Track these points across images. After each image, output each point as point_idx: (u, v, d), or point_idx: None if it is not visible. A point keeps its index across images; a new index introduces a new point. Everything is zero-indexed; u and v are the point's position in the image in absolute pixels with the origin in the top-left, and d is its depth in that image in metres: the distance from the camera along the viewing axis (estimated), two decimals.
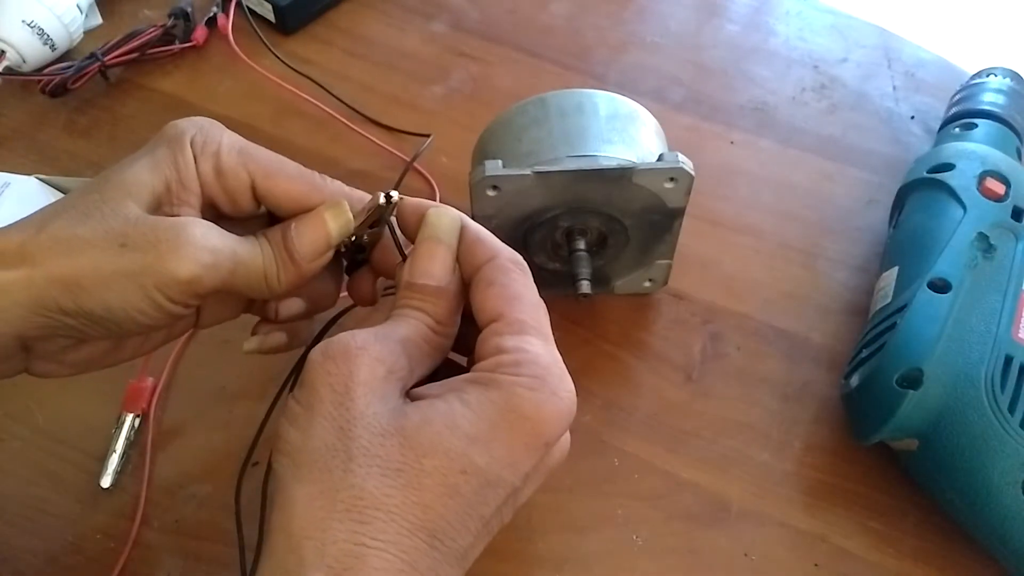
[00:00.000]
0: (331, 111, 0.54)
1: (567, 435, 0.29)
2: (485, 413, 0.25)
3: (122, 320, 0.28)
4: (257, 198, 0.32)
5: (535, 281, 0.44)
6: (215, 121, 0.32)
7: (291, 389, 0.41)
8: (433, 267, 0.29)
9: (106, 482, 0.39)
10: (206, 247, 0.28)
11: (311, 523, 0.23)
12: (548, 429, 0.26)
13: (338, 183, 0.33)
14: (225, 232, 0.29)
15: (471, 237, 0.30)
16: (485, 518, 0.26)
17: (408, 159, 0.51)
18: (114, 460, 0.39)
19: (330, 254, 0.32)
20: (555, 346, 0.28)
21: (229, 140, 0.31)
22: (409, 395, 0.27)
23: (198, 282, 0.28)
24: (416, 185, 0.51)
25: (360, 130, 0.53)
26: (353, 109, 0.54)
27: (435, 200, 0.49)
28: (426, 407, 0.26)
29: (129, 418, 0.40)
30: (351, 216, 0.31)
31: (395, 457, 0.24)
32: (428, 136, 0.52)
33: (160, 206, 0.29)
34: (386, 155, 0.52)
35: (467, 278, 0.30)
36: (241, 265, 0.29)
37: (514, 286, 0.29)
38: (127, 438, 0.40)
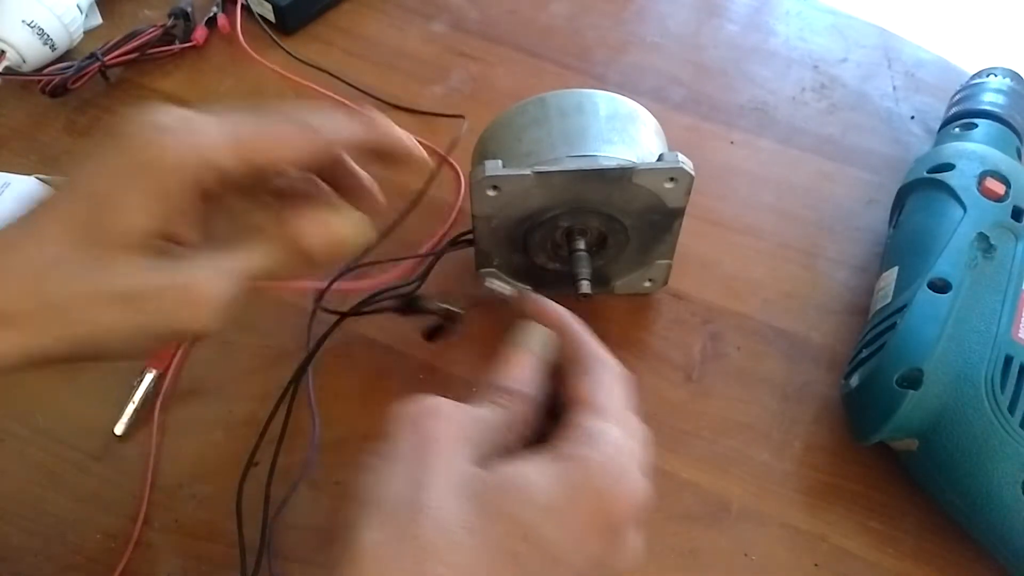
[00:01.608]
0: (342, 103, 0.54)
1: (639, 537, 0.28)
2: (556, 485, 0.25)
3: (127, 355, 0.29)
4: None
5: (535, 281, 0.44)
6: (186, 116, 0.29)
7: (294, 392, 0.41)
8: (522, 374, 0.30)
9: (119, 429, 0.40)
10: (218, 296, 0.28)
11: (375, 570, 0.24)
12: (617, 508, 0.26)
13: (338, 121, 0.31)
14: (233, 255, 0.29)
15: (572, 336, 0.31)
16: None
17: (431, 145, 0.51)
18: (129, 410, 0.41)
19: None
20: (640, 443, 0.28)
21: (214, 140, 0.29)
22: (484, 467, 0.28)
23: (215, 326, 0.29)
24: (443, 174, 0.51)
25: (389, 111, 0.54)
26: (370, 95, 0.55)
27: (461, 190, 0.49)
28: (500, 473, 0.26)
29: (150, 375, 0.41)
30: (371, 229, 0.32)
31: (464, 516, 0.24)
32: (462, 117, 0.52)
33: (161, 241, 0.29)
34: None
35: (564, 366, 0.30)
36: (256, 279, 0.30)
37: (604, 378, 0.29)
38: (145, 392, 0.41)
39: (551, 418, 0.29)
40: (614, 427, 0.27)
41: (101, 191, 0.28)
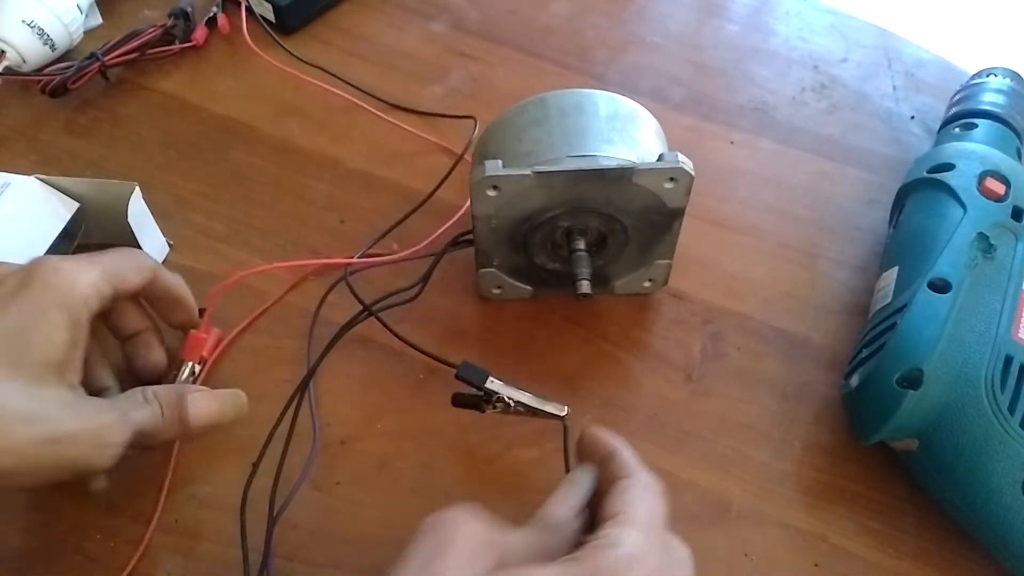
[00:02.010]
0: (345, 103, 0.54)
1: None
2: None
3: (33, 486, 0.37)
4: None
5: (535, 281, 0.44)
6: (62, 260, 0.35)
7: (300, 398, 0.41)
8: (560, 510, 0.31)
9: None
10: (122, 443, 0.34)
11: None
12: None
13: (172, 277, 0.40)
14: (134, 409, 0.35)
15: (620, 459, 0.32)
16: None
17: (441, 143, 0.51)
18: None
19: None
20: (672, 560, 0.29)
21: (94, 273, 0.35)
22: None
23: (112, 464, 0.34)
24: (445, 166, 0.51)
25: (389, 118, 0.54)
26: (370, 94, 0.55)
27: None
28: (510, 574, 0.26)
29: (189, 365, 0.42)
30: (245, 405, 0.39)
31: None
32: (472, 118, 0.52)
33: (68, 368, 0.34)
34: (404, 144, 0.52)
35: (604, 485, 0.31)
36: (143, 433, 0.35)
37: (640, 494, 0.30)
38: (185, 380, 0.42)
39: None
40: (635, 534, 0.28)
41: (18, 327, 0.33)
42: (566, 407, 0.38)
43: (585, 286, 0.40)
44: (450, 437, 0.41)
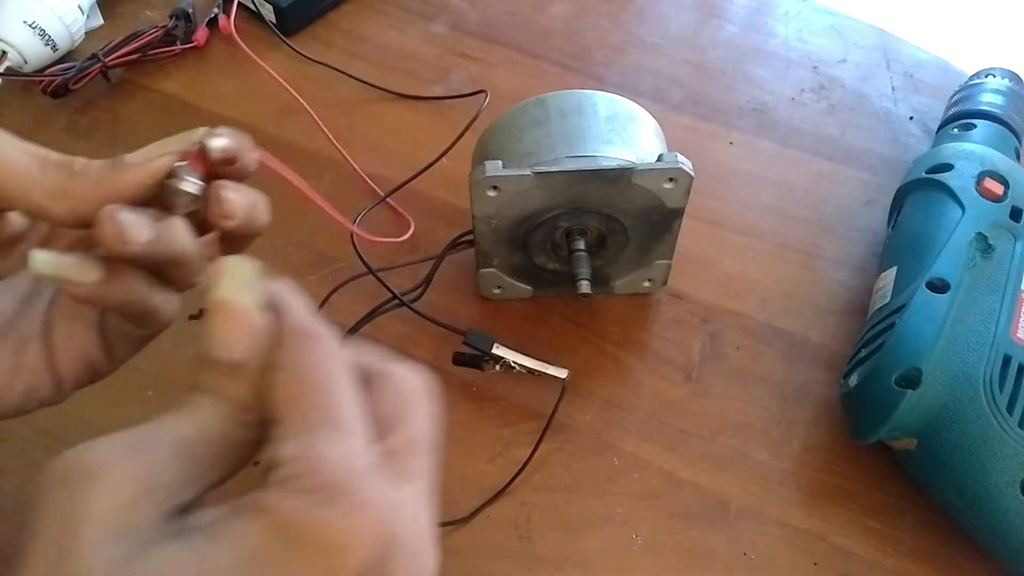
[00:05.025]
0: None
1: (426, 551, 0.21)
2: (236, 550, 0.18)
3: None
4: None
5: (535, 281, 0.44)
6: None
7: None
8: (229, 335, 0.21)
9: None
10: None
11: None
12: (345, 559, 0.18)
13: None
14: None
15: (292, 326, 0.22)
16: None
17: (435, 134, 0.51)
18: None
19: (162, 163, 0.25)
20: (364, 439, 0.20)
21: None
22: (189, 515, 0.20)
23: None
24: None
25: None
26: (375, 86, 0.56)
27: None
28: (162, 552, 0.19)
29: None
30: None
31: None
32: (483, 92, 0.52)
33: None
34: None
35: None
36: (20, 148, 0.24)
37: (307, 372, 0.21)
38: None
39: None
40: (327, 443, 0.19)
41: None
42: (567, 370, 0.39)
43: (585, 286, 0.40)
44: (450, 436, 0.41)
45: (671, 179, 0.39)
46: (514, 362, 0.38)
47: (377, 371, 0.23)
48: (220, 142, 0.25)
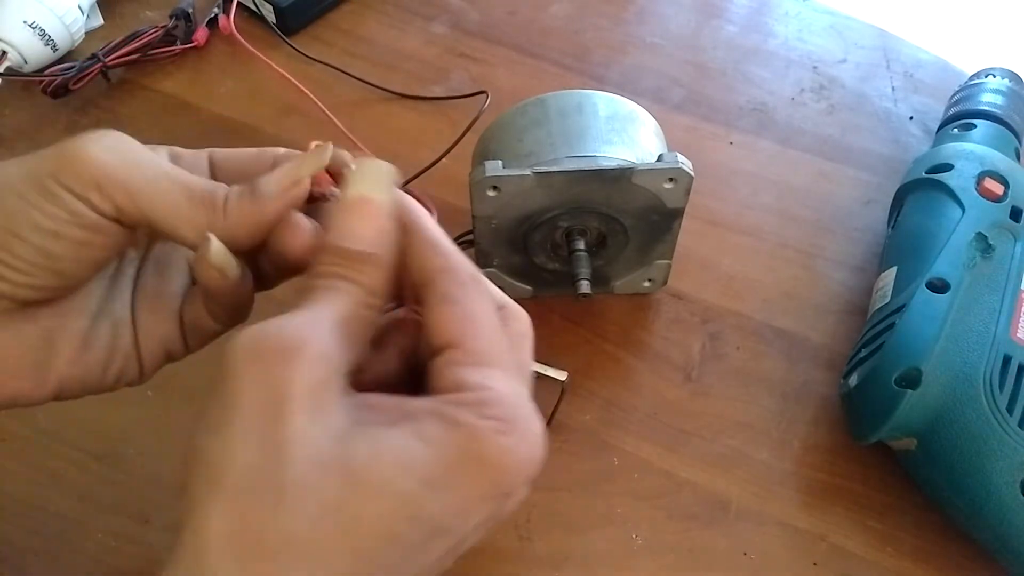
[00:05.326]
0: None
1: (527, 487, 0.25)
2: (444, 455, 0.22)
3: (29, 237, 0.24)
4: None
5: (535, 281, 0.45)
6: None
7: None
8: (365, 228, 0.24)
9: None
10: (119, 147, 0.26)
11: (226, 568, 0.20)
12: (511, 479, 0.23)
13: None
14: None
15: (426, 236, 0.25)
16: (423, 567, 0.23)
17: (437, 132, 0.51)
18: None
19: (300, 191, 0.26)
20: (518, 377, 0.25)
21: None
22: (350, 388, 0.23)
23: (107, 173, 0.25)
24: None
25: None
26: (376, 86, 0.56)
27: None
28: (376, 437, 0.22)
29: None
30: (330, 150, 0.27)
31: (334, 494, 0.20)
32: (483, 93, 0.52)
33: None
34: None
35: (417, 282, 0.25)
36: (170, 179, 0.25)
37: (475, 308, 0.24)
38: None
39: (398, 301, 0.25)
40: (500, 380, 0.23)
41: None
42: (566, 372, 0.39)
43: (585, 286, 0.40)
44: None
45: (671, 179, 0.39)
46: None
47: (500, 304, 0.26)
48: (344, 156, 0.27)
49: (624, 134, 0.41)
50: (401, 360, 0.26)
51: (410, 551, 0.22)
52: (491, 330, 0.24)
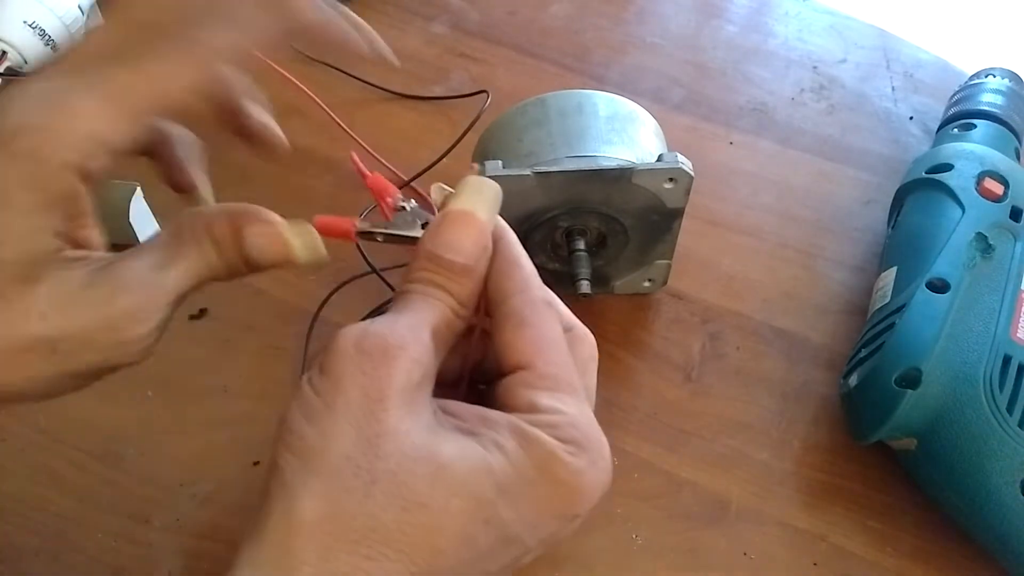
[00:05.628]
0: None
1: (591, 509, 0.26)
2: (522, 467, 0.23)
3: (46, 397, 0.26)
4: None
5: None
6: (46, 94, 0.23)
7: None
8: (465, 241, 0.25)
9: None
10: (153, 327, 0.25)
11: (314, 548, 0.21)
12: (581, 500, 0.24)
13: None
14: (164, 269, 0.25)
15: (508, 255, 0.26)
16: (487, 574, 0.24)
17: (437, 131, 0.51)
18: None
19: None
20: (587, 402, 0.25)
21: (93, 112, 0.23)
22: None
23: (149, 355, 0.25)
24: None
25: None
26: (377, 87, 0.56)
27: None
28: (461, 442, 0.23)
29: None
30: (321, 245, 0.27)
31: (422, 489, 0.22)
32: (484, 93, 0.52)
33: (68, 251, 0.25)
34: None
35: (492, 298, 0.26)
36: (191, 291, 0.26)
37: (547, 332, 0.25)
38: None
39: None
40: (572, 405, 0.24)
41: None
42: None
43: (585, 286, 0.40)
44: None
45: (671, 179, 0.39)
46: None
47: (568, 326, 0.27)
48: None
49: (624, 134, 0.41)
50: (463, 366, 0.27)
51: (480, 554, 0.23)
52: (562, 355, 0.25)
